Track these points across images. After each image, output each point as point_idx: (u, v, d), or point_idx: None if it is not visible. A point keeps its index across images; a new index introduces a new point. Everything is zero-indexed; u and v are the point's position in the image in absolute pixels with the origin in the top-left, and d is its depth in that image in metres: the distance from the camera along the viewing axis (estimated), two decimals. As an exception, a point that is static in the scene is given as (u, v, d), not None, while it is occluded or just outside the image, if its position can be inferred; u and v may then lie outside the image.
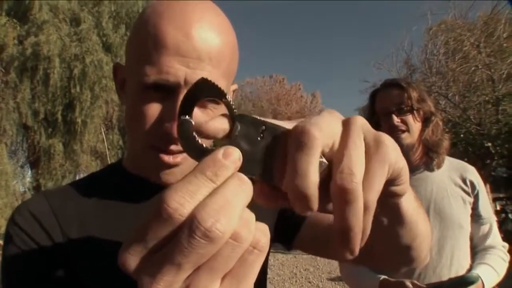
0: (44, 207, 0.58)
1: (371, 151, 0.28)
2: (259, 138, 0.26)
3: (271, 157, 0.26)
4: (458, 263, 1.27)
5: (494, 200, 8.89)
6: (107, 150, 11.62)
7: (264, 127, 0.26)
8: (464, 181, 1.34)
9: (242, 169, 0.24)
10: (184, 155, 0.55)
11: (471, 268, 1.28)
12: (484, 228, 1.34)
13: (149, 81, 0.52)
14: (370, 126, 0.29)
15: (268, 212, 0.65)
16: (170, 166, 0.56)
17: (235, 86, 0.68)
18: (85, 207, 0.60)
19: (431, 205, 1.29)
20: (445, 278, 1.22)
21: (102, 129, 11.82)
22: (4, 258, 0.56)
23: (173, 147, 0.55)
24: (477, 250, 1.34)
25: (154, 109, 0.54)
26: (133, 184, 0.63)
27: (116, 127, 12.82)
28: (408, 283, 1.19)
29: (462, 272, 1.26)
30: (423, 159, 1.36)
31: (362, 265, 1.40)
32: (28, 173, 12.01)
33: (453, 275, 1.24)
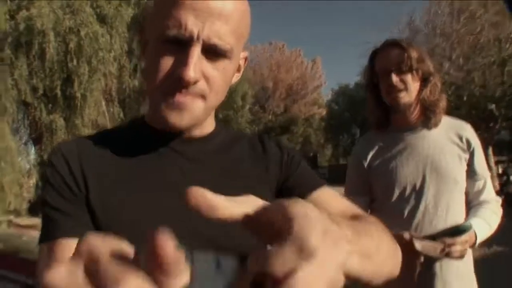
0: (72, 150, 0.66)
1: None
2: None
3: None
4: (453, 217, 1.32)
5: (497, 163, 8.92)
6: (108, 123, 11.59)
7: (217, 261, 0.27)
8: (460, 138, 1.38)
9: None
10: (195, 99, 0.61)
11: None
12: (479, 184, 1.39)
13: (165, 34, 0.58)
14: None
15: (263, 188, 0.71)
16: (179, 105, 0.60)
17: (245, 54, 0.71)
18: (106, 155, 0.66)
19: (428, 162, 1.34)
20: (441, 229, 1.28)
21: (102, 102, 11.74)
22: (43, 194, 0.65)
23: (183, 91, 0.59)
24: (471, 205, 1.39)
25: (168, 60, 0.59)
26: (151, 136, 0.68)
27: (116, 99, 12.72)
28: (406, 234, 1.23)
29: (455, 224, 1.32)
30: (420, 118, 1.39)
31: None
32: (32, 150, 12.09)
33: (447, 227, 1.29)
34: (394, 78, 1.34)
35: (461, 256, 1.25)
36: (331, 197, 0.72)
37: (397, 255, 0.55)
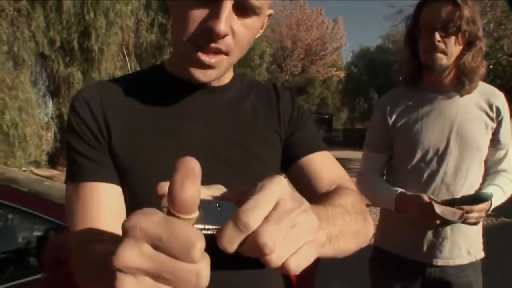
0: (94, 95, 0.67)
1: None
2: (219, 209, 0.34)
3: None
4: (470, 184, 1.32)
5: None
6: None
7: (218, 204, 0.34)
8: (490, 106, 1.33)
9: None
10: (220, 57, 0.62)
11: (480, 189, 1.33)
12: (500, 153, 1.36)
13: None
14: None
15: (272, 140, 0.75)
16: (204, 65, 0.61)
17: (270, 11, 0.71)
18: (127, 101, 0.68)
19: (454, 128, 1.31)
20: (457, 196, 1.28)
21: (120, 56, 11.68)
22: (67, 137, 0.67)
23: (212, 45, 0.60)
24: (489, 172, 1.38)
25: (200, 13, 0.59)
26: (173, 84, 0.71)
27: (132, 54, 12.60)
28: (425, 197, 1.23)
29: (472, 192, 1.31)
30: (454, 81, 1.33)
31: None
32: (50, 103, 12.26)
33: (464, 194, 1.28)
34: (437, 37, 1.25)
35: (476, 223, 1.26)
36: (324, 163, 0.74)
37: (365, 232, 0.58)
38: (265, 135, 0.75)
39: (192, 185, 0.29)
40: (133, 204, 0.66)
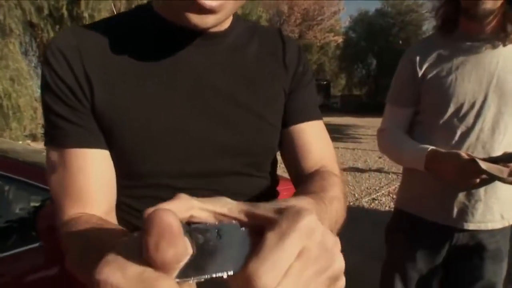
0: (71, 44, 0.58)
1: None
2: (218, 238, 0.27)
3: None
4: (508, 141, 1.21)
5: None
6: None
7: (217, 229, 0.27)
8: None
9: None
10: (222, 2, 0.52)
11: None
12: None
13: None
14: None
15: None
16: (204, 9, 0.52)
17: None
18: (109, 50, 0.59)
19: (494, 79, 1.18)
20: (493, 155, 1.17)
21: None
22: (42, 96, 0.58)
23: None
24: None
25: None
26: (163, 29, 0.61)
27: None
28: (464, 154, 1.12)
29: (510, 150, 1.20)
30: (496, 29, 1.18)
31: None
32: (40, 73, 11.94)
33: (502, 152, 1.17)
34: None
35: None
36: (315, 136, 0.70)
37: (340, 219, 0.54)
38: (269, 90, 0.66)
39: (171, 247, 0.23)
40: (120, 167, 0.61)
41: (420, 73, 1.27)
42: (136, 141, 0.58)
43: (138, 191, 0.62)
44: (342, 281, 0.31)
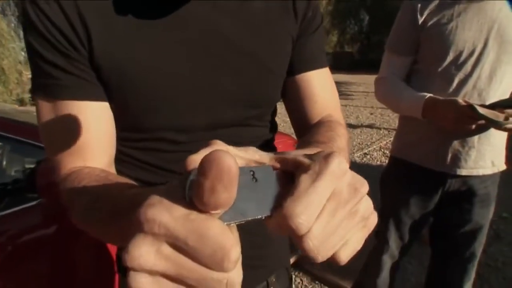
0: None
1: None
2: (254, 181, 0.27)
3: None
4: (504, 90, 1.23)
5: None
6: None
7: (252, 172, 0.27)
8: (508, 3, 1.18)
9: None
10: None
11: None
12: None
13: None
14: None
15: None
16: None
17: None
18: None
19: (495, 26, 1.17)
20: (489, 102, 1.18)
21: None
22: (27, 40, 0.52)
23: None
24: None
25: None
26: None
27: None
28: (461, 100, 1.14)
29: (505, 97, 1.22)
30: None
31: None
32: (21, 35, 11.47)
33: (497, 100, 1.19)
34: None
35: None
36: (322, 84, 0.69)
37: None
38: (277, 38, 0.64)
39: (227, 191, 0.22)
40: (122, 120, 0.58)
41: (420, 21, 1.25)
42: (142, 94, 0.54)
43: (139, 143, 0.61)
44: (374, 218, 0.32)
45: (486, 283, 2.22)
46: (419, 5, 1.25)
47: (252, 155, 0.31)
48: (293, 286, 0.83)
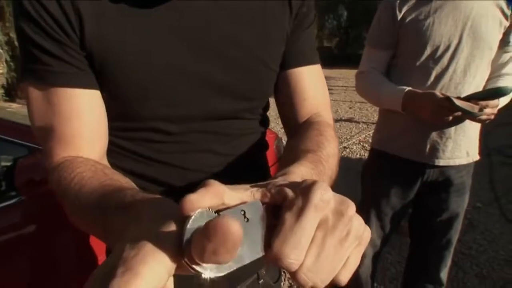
0: None
1: None
2: (246, 221, 0.28)
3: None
4: (477, 84, 1.28)
5: None
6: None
7: (243, 211, 0.28)
8: (506, 3, 1.24)
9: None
10: None
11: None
12: (506, 56, 1.31)
13: None
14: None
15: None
16: None
17: None
18: None
19: (468, 23, 1.23)
20: (464, 95, 1.23)
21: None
22: (19, 26, 0.51)
23: None
24: (492, 76, 1.33)
25: None
26: None
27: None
28: (438, 93, 1.18)
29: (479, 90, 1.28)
30: None
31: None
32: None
33: (471, 93, 1.24)
34: None
35: (488, 119, 1.22)
36: (312, 81, 0.69)
37: (334, 174, 0.55)
38: (272, 33, 0.64)
39: (229, 253, 0.23)
40: (113, 109, 0.58)
41: (399, 16, 1.29)
42: (134, 82, 0.54)
43: (131, 133, 0.61)
44: (368, 234, 0.32)
45: (461, 270, 2.31)
46: (398, 2, 1.29)
47: (244, 194, 0.32)
48: (282, 278, 0.85)
